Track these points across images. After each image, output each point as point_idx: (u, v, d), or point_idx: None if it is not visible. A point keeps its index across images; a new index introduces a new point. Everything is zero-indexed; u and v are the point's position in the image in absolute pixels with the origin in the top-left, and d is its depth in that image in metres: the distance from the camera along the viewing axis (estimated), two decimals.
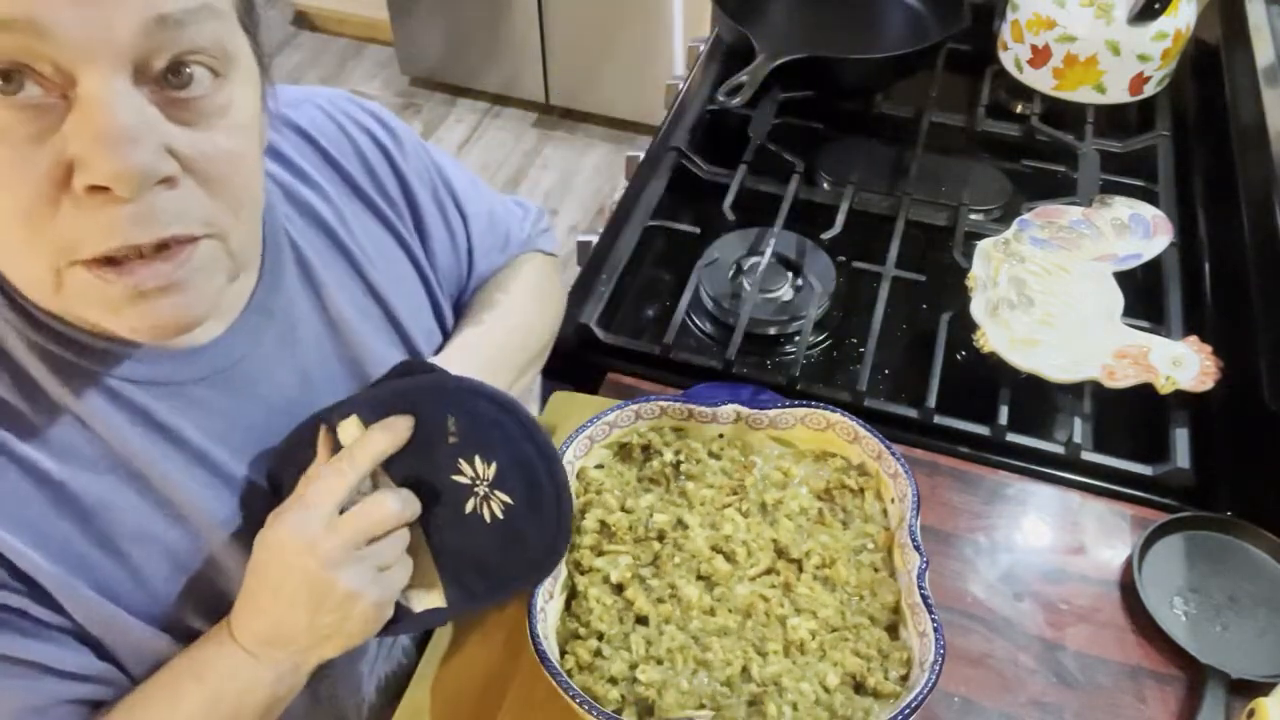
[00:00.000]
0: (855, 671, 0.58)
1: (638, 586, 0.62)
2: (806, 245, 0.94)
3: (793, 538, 0.64)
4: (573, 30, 2.39)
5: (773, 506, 0.66)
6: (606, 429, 0.69)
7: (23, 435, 0.48)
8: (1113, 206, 0.94)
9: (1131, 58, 1.02)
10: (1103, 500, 0.76)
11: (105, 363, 0.50)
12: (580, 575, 0.63)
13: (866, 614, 0.61)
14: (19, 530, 0.47)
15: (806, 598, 0.62)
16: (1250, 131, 0.93)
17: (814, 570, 0.63)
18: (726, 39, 1.20)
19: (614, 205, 1.02)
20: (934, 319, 0.87)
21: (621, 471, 0.69)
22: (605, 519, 0.65)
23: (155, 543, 0.52)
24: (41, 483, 0.48)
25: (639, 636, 0.60)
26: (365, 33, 2.87)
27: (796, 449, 0.70)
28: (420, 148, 0.69)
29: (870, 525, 0.66)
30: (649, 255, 0.98)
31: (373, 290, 0.63)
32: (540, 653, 0.56)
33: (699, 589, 0.62)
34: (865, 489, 0.67)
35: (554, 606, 0.61)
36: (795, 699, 0.57)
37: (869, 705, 0.57)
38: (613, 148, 2.54)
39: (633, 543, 0.64)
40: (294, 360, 0.58)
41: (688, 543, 0.64)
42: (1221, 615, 0.68)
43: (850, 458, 0.69)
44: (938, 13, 1.17)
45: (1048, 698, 0.65)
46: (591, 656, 0.59)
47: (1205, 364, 0.78)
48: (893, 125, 1.12)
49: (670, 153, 1.05)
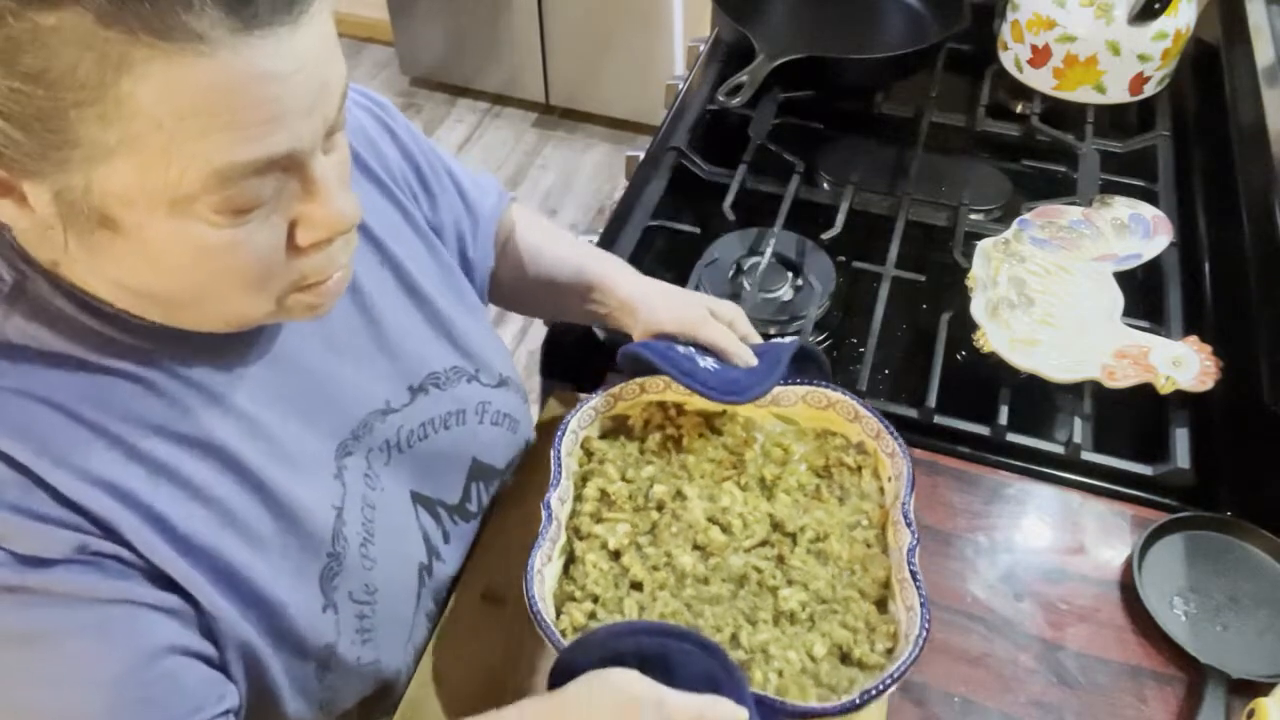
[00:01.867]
0: (842, 643, 0.60)
1: (634, 554, 0.64)
2: (806, 245, 0.94)
3: (789, 512, 0.66)
4: (573, 30, 2.39)
5: (771, 482, 0.68)
6: (611, 401, 0.71)
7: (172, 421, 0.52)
8: (1113, 206, 0.94)
9: (1131, 58, 1.02)
10: (1103, 500, 0.76)
11: (185, 351, 0.53)
12: (579, 541, 0.65)
13: (857, 588, 0.63)
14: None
15: (799, 570, 0.63)
16: (1250, 131, 0.93)
17: (808, 544, 0.65)
18: (726, 39, 1.20)
19: (614, 205, 1.02)
20: (934, 319, 0.87)
21: (624, 444, 0.70)
22: (606, 488, 0.67)
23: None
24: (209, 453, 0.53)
25: (633, 601, 0.61)
26: (365, 33, 2.87)
27: (798, 426, 0.72)
28: (403, 118, 0.72)
29: (866, 502, 0.67)
30: (649, 255, 0.98)
31: (387, 256, 0.65)
32: (535, 613, 0.57)
33: (694, 558, 0.63)
34: (863, 467, 0.69)
35: (552, 569, 0.62)
36: (781, 666, 0.58)
37: (854, 675, 0.59)
38: (613, 148, 2.54)
39: (632, 511, 0.66)
40: (322, 330, 0.60)
41: (685, 513, 0.65)
42: (1221, 615, 0.68)
43: (850, 436, 0.70)
44: (938, 13, 1.17)
45: (1048, 698, 0.65)
46: (586, 619, 0.60)
47: (1205, 364, 0.78)
48: (893, 125, 1.12)
49: (670, 153, 1.05)
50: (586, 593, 0.62)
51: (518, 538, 0.72)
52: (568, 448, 0.67)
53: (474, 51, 2.53)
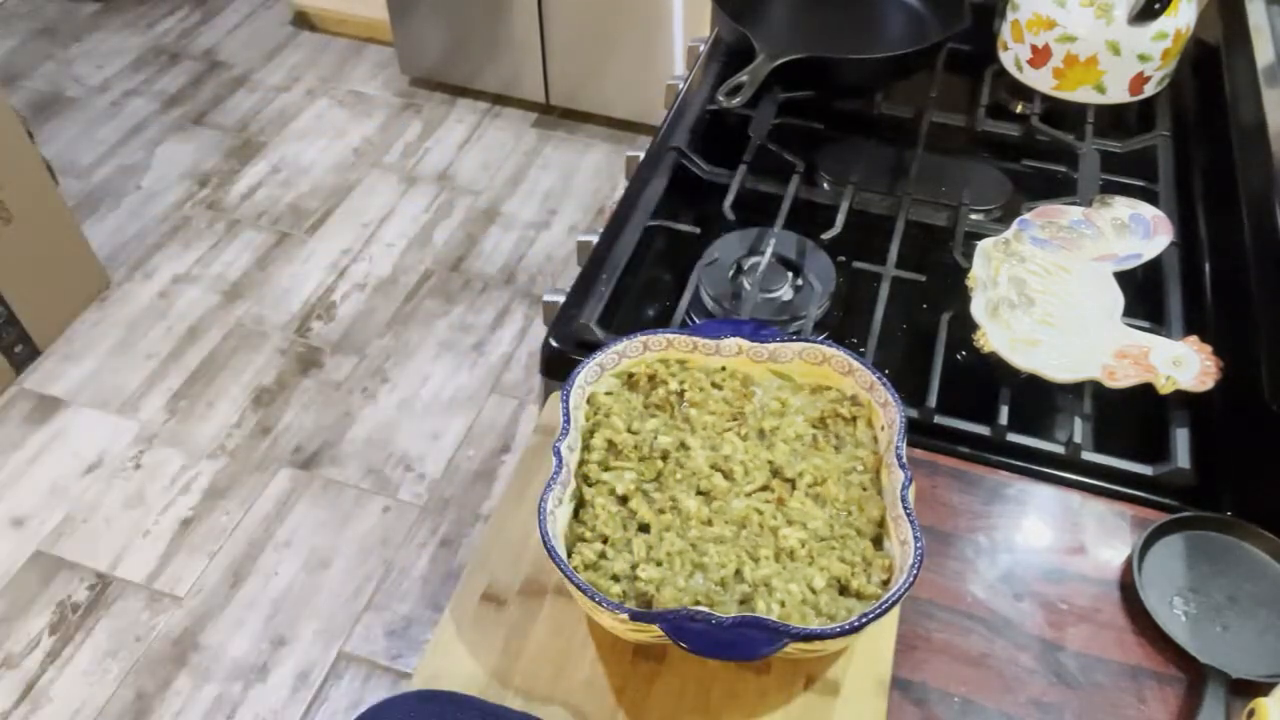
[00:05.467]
0: (840, 576, 0.63)
1: (641, 498, 0.67)
2: (806, 245, 0.94)
3: (787, 459, 0.69)
4: (573, 30, 2.39)
5: (770, 432, 0.71)
6: (616, 358, 0.74)
7: None
8: (1113, 206, 0.94)
9: (1131, 58, 1.02)
10: (1103, 500, 0.76)
11: None
12: (588, 487, 0.68)
13: (853, 527, 0.66)
14: None
15: (798, 511, 0.67)
16: (1250, 131, 0.92)
17: (806, 488, 0.68)
18: (726, 39, 1.20)
19: (614, 205, 1.02)
20: (934, 319, 0.87)
21: (629, 398, 0.73)
22: (613, 439, 0.70)
23: None
24: None
25: (640, 541, 0.64)
26: (365, 33, 2.87)
27: (794, 382, 0.75)
28: None
29: (861, 450, 0.70)
30: (649, 255, 0.98)
31: None
32: (549, 548, 0.60)
33: (698, 502, 0.67)
34: (858, 417, 0.72)
35: (563, 512, 0.65)
36: (783, 598, 0.62)
37: (851, 605, 0.62)
38: (613, 148, 2.54)
39: (638, 461, 0.69)
40: None
41: (689, 461, 0.69)
42: (1221, 615, 0.68)
43: (844, 389, 0.73)
44: (938, 13, 1.17)
45: (1048, 698, 0.65)
46: (596, 557, 0.64)
47: (1205, 364, 0.78)
48: (893, 125, 1.12)
49: (670, 153, 1.05)
50: (596, 533, 0.65)
51: (518, 538, 0.72)
52: (575, 401, 0.70)
53: (474, 51, 2.53)
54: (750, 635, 0.56)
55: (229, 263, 2.24)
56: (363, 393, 1.97)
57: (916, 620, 0.69)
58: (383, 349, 2.06)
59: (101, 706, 1.52)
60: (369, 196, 2.41)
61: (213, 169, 2.48)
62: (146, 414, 1.93)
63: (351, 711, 1.51)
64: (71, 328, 2.08)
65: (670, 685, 0.64)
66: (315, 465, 1.84)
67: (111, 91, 2.72)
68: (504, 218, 2.36)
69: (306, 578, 1.68)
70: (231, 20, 3.00)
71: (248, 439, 1.89)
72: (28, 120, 2.33)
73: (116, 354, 2.04)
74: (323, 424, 1.91)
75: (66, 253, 2.05)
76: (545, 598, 0.69)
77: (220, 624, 1.62)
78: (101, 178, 2.45)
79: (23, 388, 1.97)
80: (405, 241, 2.29)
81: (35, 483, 1.81)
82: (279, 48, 2.89)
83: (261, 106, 2.67)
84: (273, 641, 1.60)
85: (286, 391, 1.97)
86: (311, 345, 2.06)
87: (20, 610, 1.63)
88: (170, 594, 1.65)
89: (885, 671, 0.65)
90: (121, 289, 2.18)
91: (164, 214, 2.36)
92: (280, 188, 2.43)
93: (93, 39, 2.92)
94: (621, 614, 0.58)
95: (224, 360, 2.03)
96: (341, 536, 1.74)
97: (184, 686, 1.54)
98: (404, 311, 2.14)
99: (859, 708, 0.63)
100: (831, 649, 0.63)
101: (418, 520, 1.76)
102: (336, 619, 1.63)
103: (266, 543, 1.73)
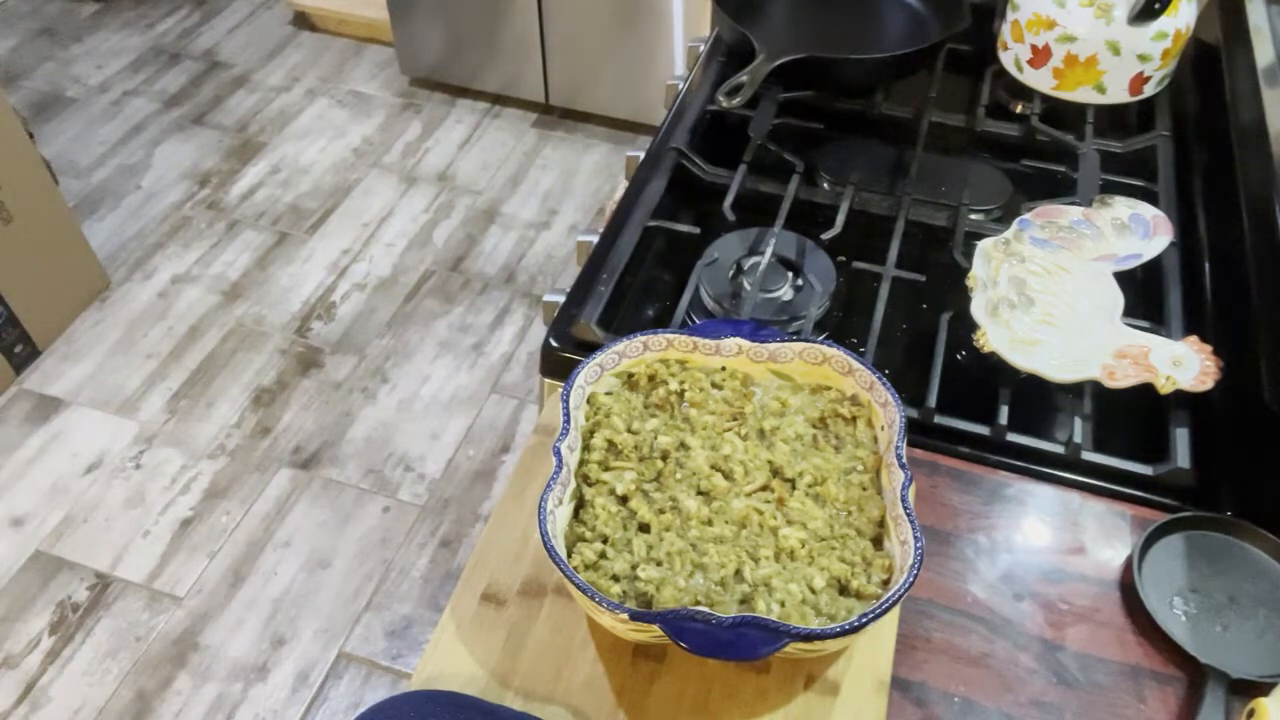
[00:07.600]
0: (840, 576, 0.63)
1: (641, 498, 0.67)
2: (806, 245, 0.94)
3: (787, 459, 0.69)
4: (573, 30, 2.39)
5: (770, 432, 0.71)
6: (616, 358, 0.74)
7: None
8: (1113, 206, 0.94)
9: (1131, 58, 1.02)
10: (1103, 500, 0.76)
11: None
12: (588, 487, 0.68)
13: (853, 527, 0.66)
14: None
15: (798, 511, 0.67)
16: (1250, 131, 0.92)
17: (806, 488, 0.68)
18: (726, 39, 1.20)
19: (614, 205, 1.02)
20: (934, 319, 0.87)
21: (629, 398, 0.73)
22: (613, 439, 0.70)
23: None
24: None
25: (640, 541, 0.65)
26: (365, 33, 2.87)
27: (794, 381, 0.75)
28: None
29: (861, 450, 0.70)
30: (649, 255, 0.98)
31: None
32: (549, 548, 0.60)
33: (698, 502, 0.67)
34: (858, 417, 0.72)
35: (563, 512, 0.65)
36: (783, 598, 0.62)
37: (851, 605, 0.62)
38: (613, 148, 2.54)
39: (638, 461, 0.69)
40: None
41: (689, 461, 0.69)
42: (1221, 615, 0.68)
43: (844, 389, 0.73)
44: (938, 13, 1.17)
45: (1048, 698, 0.65)
46: (596, 557, 0.64)
47: (1205, 364, 0.78)
48: (893, 125, 1.12)
49: (670, 153, 1.05)
50: (596, 533, 0.65)
51: (518, 538, 0.72)
52: (575, 401, 0.70)
53: (474, 51, 2.53)
54: (750, 635, 0.56)
55: (229, 263, 2.24)
56: (363, 393, 1.97)
57: (916, 620, 0.69)
58: (383, 349, 2.06)
59: (101, 706, 1.52)
60: (369, 196, 2.41)
61: (213, 169, 2.48)
62: (146, 414, 1.93)
63: (351, 711, 1.51)
64: (71, 328, 2.09)
65: (670, 685, 0.64)
66: (315, 465, 1.85)
67: (111, 92, 2.72)
68: (504, 218, 2.36)
69: (306, 578, 1.68)
70: (231, 20, 3.00)
71: (248, 439, 1.89)
72: (28, 120, 2.33)
73: (116, 354, 2.04)
74: (323, 424, 1.91)
75: (66, 253, 2.06)
76: (545, 598, 0.69)
77: (220, 624, 1.62)
78: (101, 178, 2.45)
79: (23, 388, 1.97)
80: (405, 241, 2.30)
81: (35, 483, 1.81)
82: (279, 48, 2.89)
83: (261, 106, 2.67)
84: (273, 641, 1.60)
85: (286, 391, 1.97)
86: (311, 345, 2.06)
87: (20, 610, 1.63)
88: (170, 594, 1.66)
89: (885, 671, 0.65)
90: (121, 289, 2.18)
91: (164, 214, 2.36)
92: (280, 188, 2.43)
93: (93, 39, 2.92)
94: (621, 614, 0.58)
95: (224, 360, 2.03)
96: (341, 536, 1.74)
97: (184, 686, 1.54)
98: (404, 311, 2.14)
99: (859, 708, 0.63)
100: (831, 649, 0.63)
101: (418, 520, 1.76)
102: (336, 619, 1.63)
103: (266, 543, 1.73)
